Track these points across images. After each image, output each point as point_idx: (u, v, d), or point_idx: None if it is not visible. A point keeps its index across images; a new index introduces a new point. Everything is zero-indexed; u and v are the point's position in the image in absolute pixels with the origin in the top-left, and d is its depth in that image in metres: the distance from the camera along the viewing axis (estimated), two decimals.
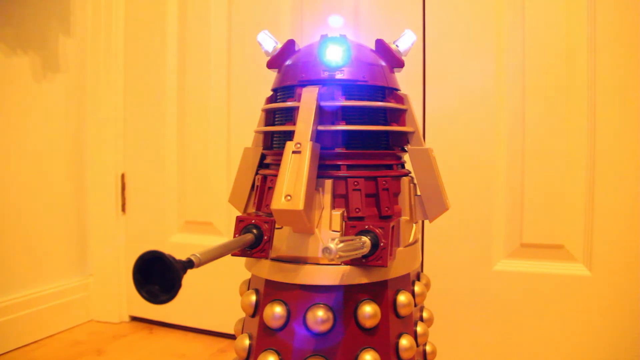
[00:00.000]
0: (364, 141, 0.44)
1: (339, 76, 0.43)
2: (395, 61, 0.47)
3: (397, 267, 0.42)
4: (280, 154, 0.41)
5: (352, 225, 0.40)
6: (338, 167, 0.43)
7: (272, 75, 0.49)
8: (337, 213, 0.41)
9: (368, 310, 0.40)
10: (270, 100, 0.48)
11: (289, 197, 0.38)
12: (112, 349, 0.89)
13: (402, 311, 0.42)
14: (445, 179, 0.72)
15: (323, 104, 0.42)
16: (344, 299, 0.40)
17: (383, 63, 0.46)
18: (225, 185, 0.95)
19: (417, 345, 0.45)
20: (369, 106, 0.44)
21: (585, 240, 0.71)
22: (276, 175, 0.42)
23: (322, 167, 0.42)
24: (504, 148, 0.75)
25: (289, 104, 0.44)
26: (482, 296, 0.76)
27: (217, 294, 0.95)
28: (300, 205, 0.37)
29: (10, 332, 0.87)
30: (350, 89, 0.44)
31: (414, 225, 0.47)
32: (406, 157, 0.48)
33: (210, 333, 0.97)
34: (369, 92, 0.44)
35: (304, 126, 0.40)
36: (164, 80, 1.00)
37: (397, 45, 0.47)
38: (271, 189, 0.44)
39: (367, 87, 0.44)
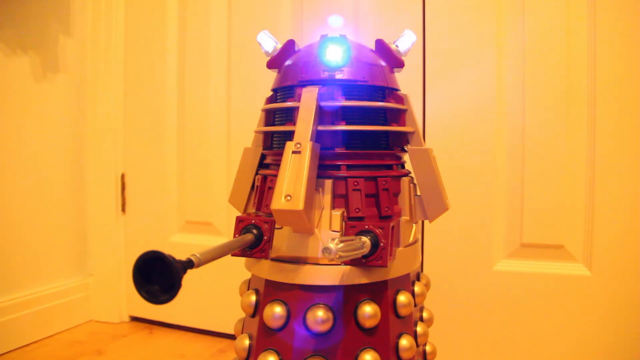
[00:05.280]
0: (364, 141, 0.44)
1: (339, 76, 0.43)
2: (395, 61, 0.47)
3: (397, 267, 0.42)
4: (280, 154, 0.41)
5: (352, 225, 0.40)
6: (338, 167, 0.43)
7: (272, 76, 0.49)
8: (337, 213, 0.41)
9: (368, 310, 0.40)
10: (270, 100, 0.48)
11: (289, 197, 0.38)
12: (112, 349, 0.89)
13: (402, 311, 0.42)
14: (445, 179, 0.72)
15: (323, 104, 0.42)
16: (344, 299, 0.40)
17: (383, 63, 0.46)
18: (225, 185, 0.95)
19: (417, 345, 0.45)
20: (369, 106, 0.44)
21: (585, 240, 0.71)
22: (276, 175, 0.42)
23: (322, 167, 0.42)
24: (504, 148, 0.75)
25: (288, 104, 0.44)
26: (482, 296, 0.76)
27: (217, 294, 0.95)
28: (300, 205, 0.37)
29: (10, 332, 0.87)
30: (350, 89, 0.43)
31: (414, 225, 0.47)
32: (406, 157, 0.48)
33: (210, 333, 0.97)
34: (369, 92, 0.44)
35: (304, 126, 0.40)
36: (164, 80, 1.00)
37: (397, 46, 0.47)
38: (271, 189, 0.44)
39: (367, 87, 0.44)
